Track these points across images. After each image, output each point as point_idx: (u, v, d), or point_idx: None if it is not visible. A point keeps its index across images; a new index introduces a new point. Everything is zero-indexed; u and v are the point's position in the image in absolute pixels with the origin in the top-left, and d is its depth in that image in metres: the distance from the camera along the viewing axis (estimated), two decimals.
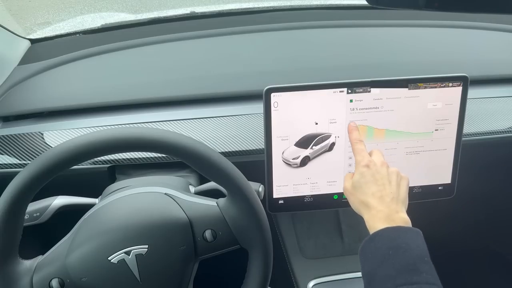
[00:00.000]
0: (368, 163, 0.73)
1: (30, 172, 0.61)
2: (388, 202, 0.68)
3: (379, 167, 0.72)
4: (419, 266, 0.60)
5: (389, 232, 0.65)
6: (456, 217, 1.24)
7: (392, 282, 0.59)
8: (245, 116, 0.97)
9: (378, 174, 0.71)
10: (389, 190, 0.70)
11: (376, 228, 0.66)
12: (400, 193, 0.71)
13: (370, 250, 0.65)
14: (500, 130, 1.02)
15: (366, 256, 0.65)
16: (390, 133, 0.88)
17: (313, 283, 1.03)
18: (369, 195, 0.70)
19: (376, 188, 0.70)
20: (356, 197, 0.72)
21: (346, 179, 0.77)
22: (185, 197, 0.71)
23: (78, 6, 3.05)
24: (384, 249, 0.63)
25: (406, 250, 0.61)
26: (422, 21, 1.21)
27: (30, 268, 0.66)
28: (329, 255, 1.09)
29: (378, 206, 0.68)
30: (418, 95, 0.86)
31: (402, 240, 0.63)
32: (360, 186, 0.72)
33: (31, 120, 0.98)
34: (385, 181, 0.71)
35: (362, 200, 0.71)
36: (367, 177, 0.71)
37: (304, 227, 1.10)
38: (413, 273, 0.59)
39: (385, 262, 0.61)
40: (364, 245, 0.66)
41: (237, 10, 1.25)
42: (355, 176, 0.73)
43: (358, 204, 0.72)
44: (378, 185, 0.70)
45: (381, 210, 0.68)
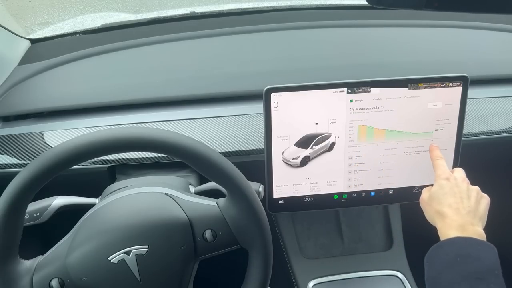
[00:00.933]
0: (449, 176, 0.73)
1: (30, 172, 0.61)
2: (464, 214, 0.67)
3: (459, 182, 0.73)
4: (486, 277, 0.58)
5: (459, 241, 0.63)
6: None
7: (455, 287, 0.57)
8: (245, 116, 0.97)
9: (457, 187, 0.71)
10: (467, 204, 0.69)
11: (448, 235, 0.65)
12: (478, 209, 0.70)
13: (437, 256, 0.63)
14: (500, 130, 1.02)
15: (432, 261, 0.63)
16: (390, 133, 0.88)
17: (313, 283, 1.03)
18: (446, 205, 0.70)
19: (453, 200, 0.70)
20: (432, 207, 0.72)
21: (424, 191, 0.77)
22: (185, 197, 0.71)
23: (78, 6, 3.05)
24: (452, 256, 0.61)
25: (475, 260, 0.59)
26: (422, 21, 1.21)
27: (30, 268, 0.66)
28: (329, 255, 1.09)
29: (453, 216, 0.67)
30: (418, 95, 0.86)
31: (473, 250, 0.61)
32: (438, 197, 0.72)
33: (31, 120, 0.98)
34: (464, 195, 0.70)
35: (437, 210, 0.70)
36: (446, 189, 0.72)
37: (304, 227, 1.10)
38: (479, 281, 0.57)
39: (452, 268, 0.60)
40: (431, 251, 0.65)
41: (237, 10, 1.25)
42: (434, 188, 0.73)
43: (433, 214, 0.72)
44: (456, 197, 0.70)
45: (456, 219, 0.67)
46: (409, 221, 1.10)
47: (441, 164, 0.78)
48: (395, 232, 1.09)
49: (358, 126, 0.87)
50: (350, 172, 0.90)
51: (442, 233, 0.67)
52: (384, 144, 0.89)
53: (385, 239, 1.10)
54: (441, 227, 0.68)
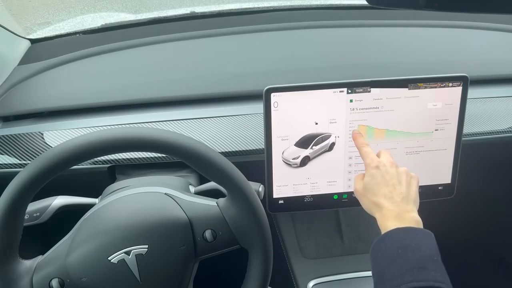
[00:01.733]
0: (378, 164, 0.74)
1: (30, 172, 0.61)
2: (398, 202, 0.69)
3: (388, 168, 0.73)
4: (427, 265, 0.60)
5: (398, 233, 0.65)
6: (456, 217, 1.24)
7: (400, 280, 0.59)
8: (245, 116, 0.97)
9: (387, 174, 0.72)
10: (399, 190, 0.71)
11: (387, 227, 0.67)
12: (410, 193, 0.72)
13: (380, 250, 0.65)
14: (500, 130, 1.02)
15: (376, 256, 0.65)
16: (390, 133, 0.88)
17: (313, 283, 1.03)
18: (380, 195, 0.71)
19: (386, 189, 0.71)
20: (368, 198, 0.73)
21: (356, 181, 0.77)
22: (185, 197, 0.71)
23: (78, 6, 3.04)
24: (394, 249, 0.63)
25: (415, 250, 0.62)
26: (422, 21, 1.21)
27: (30, 268, 0.66)
28: (329, 255, 1.09)
29: (389, 206, 0.69)
30: (418, 95, 0.86)
31: (411, 240, 0.63)
32: (371, 188, 0.73)
33: (31, 120, 0.98)
34: (395, 181, 0.72)
35: (373, 201, 0.72)
36: (378, 178, 0.72)
37: (304, 227, 1.09)
38: (421, 271, 0.60)
39: (394, 261, 0.62)
40: (374, 246, 0.67)
41: (237, 10, 1.25)
42: (366, 178, 0.74)
43: (370, 205, 0.73)
44: (388, 185, 0.71)
45: (392, 209, 0.68)
46: None
47: (368, 151, 0.77)
48: None
49: (358, 126, 0.87)
50: (350, 172, 0.90)
51: (381, 224, 0.69)
52: (384, 144, 0.89)
53: None
54: (379, 218, 0.70)
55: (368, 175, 0.74)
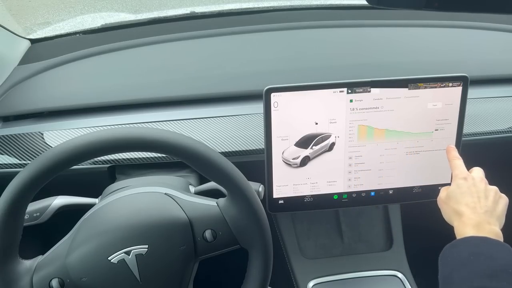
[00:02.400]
0: (466, 176, 0.73)
1: (30, 172, 0.61)
2: (480, 213, 0.67)
3: (477, 181, 0.73)
4: (500, 274, 0.57)
5: (474, 239, 0.63)
6: None
7: (468, 285, 0.57)
8: (245, 116, 0.97)
9: (474, 187, 0.72)
10: (484, 203, 0.69)
11: (464, 233, 0.65)
12: (496, 209, 0.70)
13: (450, 255, 0.63)
14: (500, 130, 1.02)
15: (445, 260, 0.63)
16: (390, 133, 0.88)
17: (313, 283, 1.03)
18: (463, 204, 0.70)
19: (470, 199, 0.70)
20: (449, 205, 0.72)
21: (442, 190, 0.77)
22: (185, 197, 0.71)
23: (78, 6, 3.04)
24: (465, 254, 0.61)
25: (488, 258, 0.59)
26: (422, 21, 1.21)
27: (30, 268, 0.66)
28: (329, 255, 1.09)
29: (470, 215, 0.68)
30: (418, 95, 0.86)
31: (486, 248, 0.61)
32: (455, 196, 0.72)
33: (31, 120, 0.98)
34: (481, 195, 0.70)
35: (454, 209, 0.71)
36: (463, 188, 0.72)
37: (304, 227, 1.09)
38: (491, 279, 0.57)
39: (464, 266, 0.60)
40: (445, 250, 0.65)
41: (237, 10, 1.25)
42: (451, 187, 0.74)
43: (450, 212, 0.72)
44: (473, 197, 0.70)
45: (472, 218, 0.67)
46: (409, 221, 1.10)
47: (459, 164, 0.77)
48: (395, 232, 1.09)
49: (358, 126, 0.87)
50: (350, 172, 0.90)
51: (458, 231, 0.67)
52: (384, 144, 0.89)
53: (385, 239, 1.10)
54: (458, 226, 0.68)
55: (454, 184, 0.73)
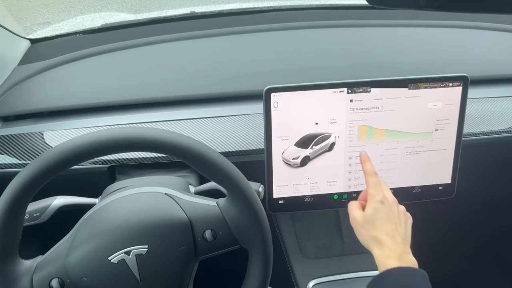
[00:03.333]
0: (383, 199, 0.74)
1: (30, 172, 0.61)
2: (399, 242, 0.70)
3: (391, 205, 0.74)
4: None
5: (400, 272, 0.66)
6: (456, 217, 1.24)
7: None
8: (245, 116, 0.97)
9: (391, 212, 0.73)
10: (400, 231, 0.72)
11: (388, 265, 0.67)
12: (407, 234, 0.73)
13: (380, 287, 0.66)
14: (500, 130, 1.02)
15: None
16: (390, 133, 0.88)
17: (313, 283, 1.03)
18: (383, 232, 0.71)
19: (389, 226, 0.71)
20: (368, 231, 0.73)
21: (354, 209, 0.76)
22: (185, 197, 0.71)
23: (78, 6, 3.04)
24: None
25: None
26: (422, 21, 1.21)
27: (30, 268, 0.66)
28: (329, 255, 1.09)
29: (391, 245, 0.69)
30: (418, 95, 0.86)
31: (412, 280, 0.65)
32: (373, 221, 0.72)
33: (31, 120, 0.98)
34: (397, 221, 0.72)
35: (374, 236, 0.71)
36: (381, 214, 0.72)
37: (304, 227, 1.09)
38: None
39: None
40: (373, 283, 0.67)
41: (237, 10, 1.25)
42: (368, 210, 0.73)
43: (368, 239, 0.73)
44: (391, 223, 0.72)
45: (394, 249, 0.69)
46: None
47: (375, 182, 0.76)
48: None
49: (358, 126, 0.87)
50: (350, 172, 0.90)
51: (380, 261, 0.69)
52: (384, 144, 0.89)
53: None
54: (379, 255, 0.70)
55: (371, 207, 0.73)
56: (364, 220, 0.73)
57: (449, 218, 1.22)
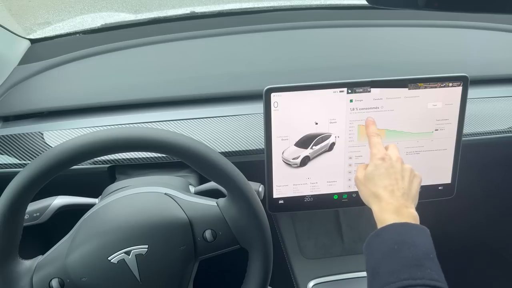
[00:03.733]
0: (384, 156, 0.73)
1: (30, 172, 0.61)
2: (398, 196, 0.69)
3: (394, 162, 0.73)
4: (424, 262, 0.60)
5: (395, 228, 0.65)
6: (456, 217, 1.24)
7: (396, 276, 0.59)
8: (245, 116, 0.97)
9: (392, 168, 0.72)
10: (401, 185, 0.70)
11: (384, 219, 0.67)
12: (411, 190, 0.72)
13: (375, 245, 0.65)
14: (500, 130, 1.02)
15: (371, 251, 0.65)
16: (390, 133, 0.88)
17: (313, 283, 1.03)
18: (381, 187, 0.70)
19: (388, 181, 0.71)
20: (368, 188, 0.73)
21: (359, 170, 0.77)
22: (185, 197, 0.71)
23: (78, 6, 3.05)
24: (390, 244, 0.63)
25: (411, 246, 0.61)
26: (422, 21, 1.21)
27: (30, 268, 0.66)
28: (329, 255, 1.09)
29: (388, 199, 0.69)
30: (418, 95, 0.86)
31: (408, 236, 0.63)
32: (373, 178, 0.72)
33: (31, 120, 0.98)
34: (398, 176, 0.71)
35: (373, 192, 0.71)
36: (381, 170, 0.72)
37: (304, 227, 1.10)
38: (417, 268, 0.59)
39: (390, 256, 0.62)
40: (369, 240, 0.66)
41: (237, 10, 1.25)
42: (369, 168, 0.74)
43: (368, 195, 0.73)
44: (391, 178, 0.71)
45: (391, 202, 0.68)
46: None
47: (377, 142, 0.77)
48: None
49: (358, 126, 0.87)
50: (350, 172, 0.90)
51: (377, 216, 0.69)
52: (384, 144, 0.89)
53: None
54: (377, 211, 0.69)
55: (372, 165, 0.73)
56: (365, 177, 0.74)
57: (449, 218, 1.22)
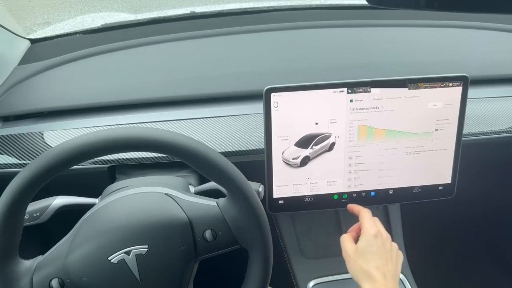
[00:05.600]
0: (377, 233, 0.74)
1: (30, 172, 0.61)
2: (389, 278, 0.70)
3: (385, 240, 0.74)
4: None
5: None
6: (456, 217, 1.24)
7: None
8: (245, 116, 0.97)
9: (383, 247, 0.73)
10: (391, 267, 0.72)
11: None
12: (396, 271, 0.73)
13: None
14: (500, 130, 1.02)
15: None
16: (390, 133, 0.88)
17: (313, 283, 1.03)
18: (373, 267, 0.71)
19: (380, 261, 0.71)
20: (358, 264, 0.73)
21: (346, 241, 0.77)
22: (185, 197, 0.71)
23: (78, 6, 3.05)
24: None
25: None
26: (422, 21, 1.21)
27: (30, 268, 0.66)
28: (329, 255, 1.09)
29: (381, 280, 0.70)
30: (418, 95, 0.86)
31: None
32: (365, 254, 0.72)
33: (31, 120, 0.98)
34: (388, 256, 0.73)
35: (365, 270, 0.71)
36: (373, 248, 0.73)
37: (304, 227, 1.10)
38: None
39: None
40: None
41: (237, 10, 1.25)
42: (361, 243, 0.74)
43: (359, 272, 0.73)
44: (381, 258, 0.72)
45: (384, 284, 0.69)
46: (409, 221, 1.10)
47: (368, 217, 0.78)
48: (395, 232, 1.09)
49: (358, 126, 0.87)
50: (350, 172, 0.90)
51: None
52: (384, 144, 0.89)
53: None
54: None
55: (364, 240, 0.74)
56: (356, 253, 0.74)
57: (449, 218, 1.22)
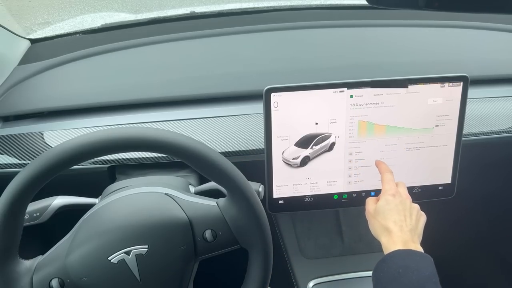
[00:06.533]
0: (395, 193, 0.78)
1: (30, 172, 0.61)
2: (406, 232, 0.73)
3: (404, 199, 0.77)
4: (427, 286, 0.63)
5: (400, 254, 0.69)
6: (456, 217, 1.24)
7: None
8: (245, 116, 0.97)
9: (401, 205, 0.76)
10: (409, 222, 0.74)
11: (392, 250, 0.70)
12: (418, 227, 0.76)
13: (381, 270, 0.68)
14: (500, 130, 1.02)
15: (378, 276, 0.69)
16: (390, 129, 0.88)
17: (313, 283, 1.03)
18: (391, 221, 0.74)
19: (397, 217, 0.74)
20: (378, 220, 0.76)
21: (369, 203, 0.81)
22: (185, 197, 0.71)
23: (78, 6, 3.05)
24: (394, 269, 0.66)
25: (414, 270, 0.65)
26: (422, 21, 1.21)
27: (30, 268, 0.66)
28: (329, 255, 1.09)
29: (397, 232, 0.72)
30: (418, 91, 0.86)
31: (412, 261, 0.67)
32: (383, 212, 0.76)
33: (31, 120, 0.98)
34: (407, 213, 0.75)
35: (383, 225, 0.75)
36: (391, 205, 0.76)
37: (304, 227, 1.09)
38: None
39: (395, 280, 0.65)
40: (377, 266, 0.70)
41: (237, 10, 1.25)
42: (380, 202, 0.78)
43: (378, 228, 0.76)
44: (400, 214, 0.75)
45: (400, 236, 0.72)
46: None
47: (389, 179, 0.81)
48: None
49: (358, 122, 0.87)
50: (351, 168, 0.90)
51: (386, 247, 0.72)
52: (384, 140, 0.89)
53: None
54: (386, 242, 0.73)
55: (383, 200, 0.77)
56: (376, 211, 0.78)
57: (449, 218, 1.22)
